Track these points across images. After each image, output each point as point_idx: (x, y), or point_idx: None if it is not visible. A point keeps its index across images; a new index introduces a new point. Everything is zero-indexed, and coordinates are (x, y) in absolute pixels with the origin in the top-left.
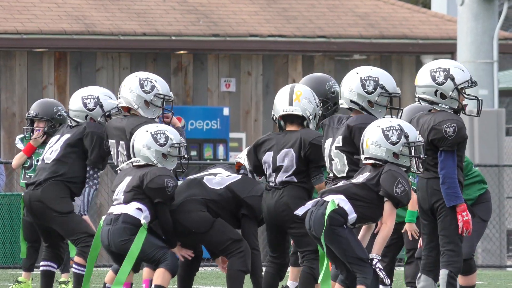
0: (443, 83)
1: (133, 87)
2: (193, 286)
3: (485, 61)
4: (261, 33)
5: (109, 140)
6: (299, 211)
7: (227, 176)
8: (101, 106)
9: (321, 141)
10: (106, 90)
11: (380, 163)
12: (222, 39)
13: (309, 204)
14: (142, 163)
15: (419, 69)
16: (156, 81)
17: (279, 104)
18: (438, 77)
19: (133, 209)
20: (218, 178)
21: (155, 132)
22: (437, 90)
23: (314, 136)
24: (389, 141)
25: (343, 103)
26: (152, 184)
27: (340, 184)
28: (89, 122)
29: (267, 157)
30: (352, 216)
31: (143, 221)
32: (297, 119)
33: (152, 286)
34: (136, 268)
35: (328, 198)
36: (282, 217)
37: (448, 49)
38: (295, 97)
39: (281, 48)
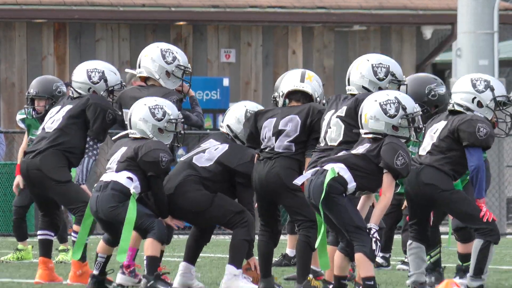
0: (483, 91)
1: (155, 57)
2: None
3: (486, 31)
4: (261, 4)
5: (124, 110)
6: (298, 181)
7: (215, 150)
8: (106, 81)
9: None
10: (111, 66)
11: (380, 136)
12: (221, 10)
13: (308, 173)
14: (138, 135)
15: (419, 41)
16: (177, 52)
17: (289, 81)
18: (478, 85)
19: (123, 177)
20: (207, 155)
21: (153, 107)
22: (475, 98)
23: (323, 108)
24: (388, 114)
25: (352, 89)
26: (147, 158)
27: (340, 153)
28: (92, 94)
29: (269, 122)
30: (351, 185)
31: (132, 191)
32: (304, 99)
33: (144, 258)
34: (143, 235)
35: (328, 166)
36: (273, 188)
37: (448, 20)
38: (307, 77)
39: (280, 19)
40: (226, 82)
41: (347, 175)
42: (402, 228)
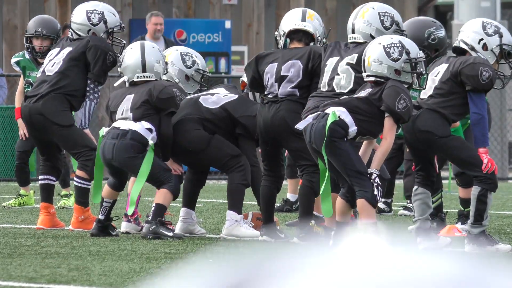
0: (491, 35)
1: (174, 60)
2: None
3: None
4: None
5: None
6: (300, 125)
7: (223, 96)
8: (105, 22)
9: None
10: (110, 7)
11: (382, 80)
12: None
13: (309, 118)
14: (144, 79)
15: None
16: (196, 56)
17: (290, 20)
18: (488, 28)
19: (143, 127)
20: (214, 98)
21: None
22: (482, 39)
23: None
24: (391, 58)
25: (358, 37)
26: (163, 95)
27: (342, 98)
28: (92, 36)
29: (270, 68)
30: (352, 129)
31: (150, 142)
32: (306, 38)
33: (153, 204)
34: (158, 186)
35: (329, 110)
36: (278, 131)
37: None
38: (308, 15)
39: None
40: (228, 24)
41: (348, 118)
42: (404, 173)
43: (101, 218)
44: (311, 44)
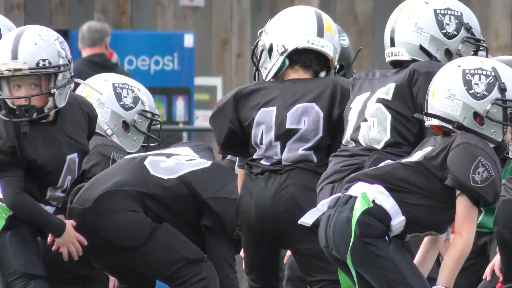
0: None
1: (104, 98)
2: None
3: None
4: None
5: None
6: (307, 218)
7: (187, 161)
8: None
9: None
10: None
11: (450, 127)
12: None
13: (323, 204)
14: None
15: None
16: (139, 89)
17: (298, 31)
18: None
19: None
20: (172, 162)
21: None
22: None
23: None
24: (471, 91)
25: (400, 53)
26: None
27: (382, 164)
28: None
29: (264, 115)
30: (398, 220)
31: None
32: (316, 64)
33: None
34: None
35: (355, 190)
36: (283, 222)
37: None
38: (327, 27)
39: None
40: (188, 40)
41: (389, 203)
42: None
43: None
44: (322, 75)
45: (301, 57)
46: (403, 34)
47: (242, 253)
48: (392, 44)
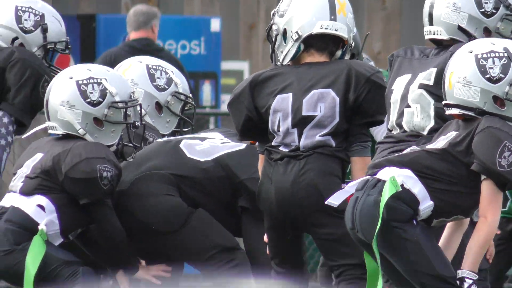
0: None
1: (137, 79)
2: None
3: None
4: None
5: None
6: (334, 199)
7: (222, 143)
8: (44, 30)
9: (383, 79)
10: (55, 11)
11: (471, 114)
12: None
13: (350, 187)
14: (61, 132)
15: None
16: (173, 72)
17: (310, 14)
18: None
19: (31, 205)
20: (206, 145)
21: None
22: None
23: (373, 70)
24: (487, 76)
25: (439, 32)
26: (74, 173)
27: (406, 151)
28: (19, 47)
29: (280, 101)
30: (426, 205)
31: (42, 227)
32: (332, 45)
33: None
34: None
35: (384, 174)
36: (304, 207)
37: None
38: (339, 7)
39: None
40: (215, 24)
41: (417, 187)
42: None
43: None
44: (339, 53)
45: (315, 41)
46: (441, 13)
47: (265, 238)
48: (431, 21)
